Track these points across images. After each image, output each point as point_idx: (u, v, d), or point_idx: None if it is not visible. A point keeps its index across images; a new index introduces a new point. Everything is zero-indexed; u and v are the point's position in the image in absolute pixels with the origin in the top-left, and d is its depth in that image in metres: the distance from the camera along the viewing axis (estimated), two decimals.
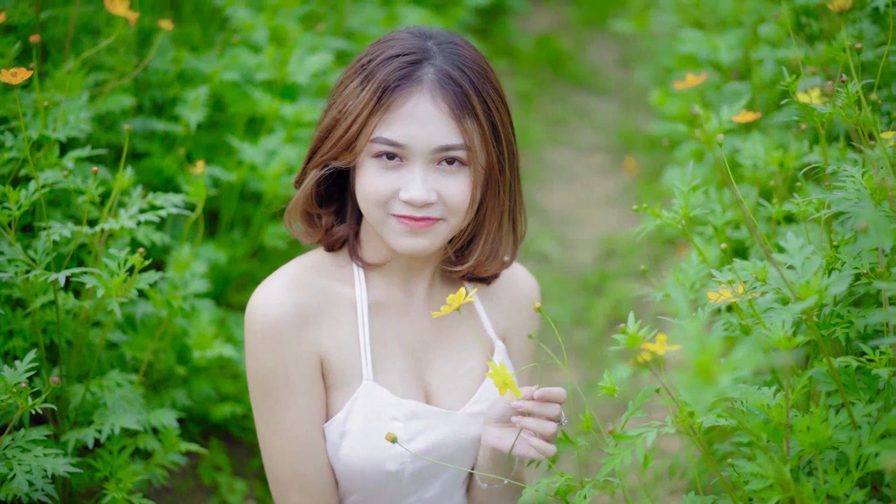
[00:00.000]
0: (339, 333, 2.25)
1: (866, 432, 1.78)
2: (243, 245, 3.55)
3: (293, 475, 2.25)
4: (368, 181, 2.15)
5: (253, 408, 2.27)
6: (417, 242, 2.16)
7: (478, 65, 2.18)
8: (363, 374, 2.25)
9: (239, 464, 3.37)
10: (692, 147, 4.15)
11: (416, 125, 2.12)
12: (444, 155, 2.13)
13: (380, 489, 2.28)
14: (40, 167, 2.72)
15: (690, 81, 2.97)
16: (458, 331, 2.38)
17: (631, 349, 1.87)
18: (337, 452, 2.25)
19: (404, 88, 2.12)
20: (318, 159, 2.22)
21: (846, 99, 2.06)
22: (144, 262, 2.41)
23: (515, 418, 2.11)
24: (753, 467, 1.77)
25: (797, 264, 1.81)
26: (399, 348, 2.30)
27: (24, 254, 2.47)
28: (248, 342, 2.23)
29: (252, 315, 2.21)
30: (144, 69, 3.38)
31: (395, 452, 2.23)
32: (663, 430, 1.87)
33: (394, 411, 2.24)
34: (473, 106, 2.13)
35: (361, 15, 4.54)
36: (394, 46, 2.16)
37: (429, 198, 2.12)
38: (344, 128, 2.16)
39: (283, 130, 3.55)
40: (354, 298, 2.28)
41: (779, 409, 1.86)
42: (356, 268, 2.30)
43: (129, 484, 2.52)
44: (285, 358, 2.20)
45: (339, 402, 2.26)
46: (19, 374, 2.26)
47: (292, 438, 2.23)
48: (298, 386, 2.21)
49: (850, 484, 1.76)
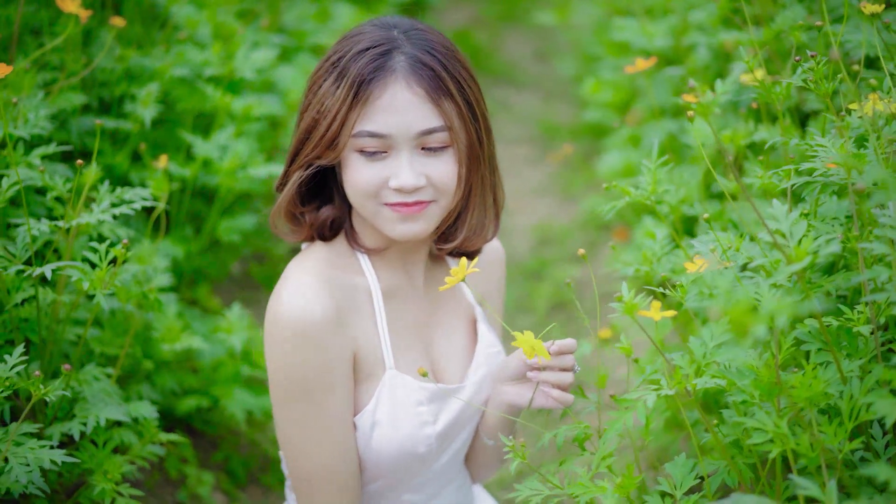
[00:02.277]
0: (364, 325, 2.27)
1: (857, 385, 1.88)
2: (199, 241, 3.56)
3: (325, 472, 2.25)
4: (357, 175, 2.18)
5: (278, 408, 2.24)
6: (413, 227, 2.20)
7: (445, 47, 2.21)
8: (385, 363, 2.28)
9: (203, 456, 3.39)
10: (626, 134, 4.27)
11: (395, 114, 2.15)
12: (426, 139, 2.17)
13: (405, 472, 2.33)
14: (6, 165, 2.72)
15: (640, 65, 3.07)
16: (447, 306, 2.44)
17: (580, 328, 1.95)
18: (368, 442, 2.27)
19: (379, 80, 2.14)
20: (302, 160, 2.24)
21: (816, 73, 2.15)
22: (126, 254, 2.43)
23: (532, 373, 2.18)
24: (753, 423, 1.86)
25: (785, 230, 1.90)
26: (410, 332, 2.35)
27: (4, 249, 2.47)
28: (279, 345, 2.19)
29: (288, 318, 2.18)
30: (86, 67, 3.37)
31: (423, 435, 2.29)
32: (661, 392, 1.95)
33: (418, 396, 2.29)
34: (448, 87, 2.17)
35: (294, 11, 4.57)
36: (362, 40, 2.18)
37: (418, 182, 2.16)
38: (325, 126, 2.18)
39: (232, 125, 3.57)
40: (369, 287, 2.30)
41: (767, 369, 1.95)
42: (361, 256, 2.32)
43: (116, 475, 2.54)
44: (325, 358, 2.19)
45: (367, 392, 2.28)
46: (8, 368, 2.28)
47: (328, 436, 2.23)
48: (336, 384, 2.21)
49: (843, 435, 1.86)
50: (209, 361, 3.30)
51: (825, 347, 2.00)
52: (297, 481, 2.29)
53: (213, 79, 3.63)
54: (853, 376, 1.91)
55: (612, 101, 4.42)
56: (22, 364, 2.29)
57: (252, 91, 3.86)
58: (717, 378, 1.96)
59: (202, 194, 3.76)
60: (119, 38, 3.66)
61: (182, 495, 3.18)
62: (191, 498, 3.20)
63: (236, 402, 3.24)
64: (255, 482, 3.50)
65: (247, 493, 3.45)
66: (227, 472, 3.42)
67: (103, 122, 3.36)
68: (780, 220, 1.91)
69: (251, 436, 3.56)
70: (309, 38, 4.45)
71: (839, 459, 1.87)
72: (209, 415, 3.40)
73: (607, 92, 4.41)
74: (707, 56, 3.78)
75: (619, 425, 1.95)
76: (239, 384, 3.30)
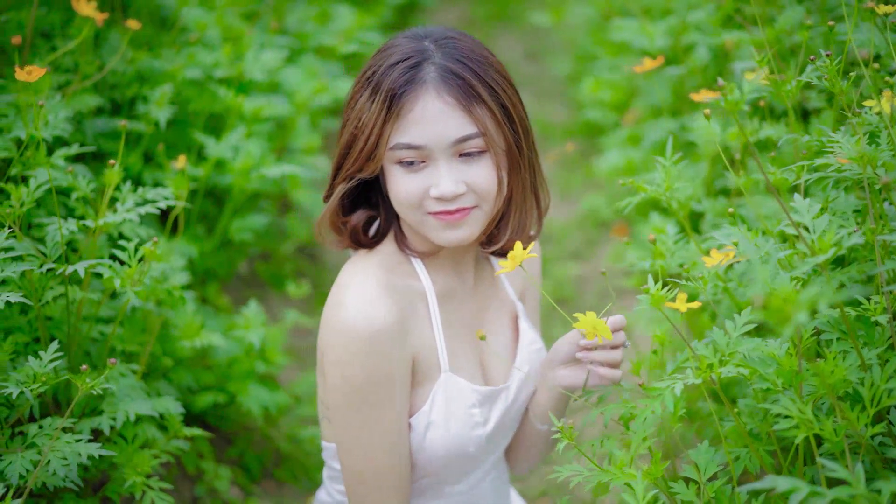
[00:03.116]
0: (422, 328, 2.32)
1: (878, 372, 1.95)
2: (212, 240, 3.61)
3: (382, 473, 2.30)
4: (398, 187, 2.23)
5: (340, 412, 2.28)
6: (458, 233, 2.24)
7: (476, 53, 2.25)
8: (441, 366, 2.33)
9: (219, 452, 3.45)
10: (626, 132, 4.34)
11: (428, 124, 2.19)
12: (462, 146, 2.20)
13: (454, 469, 2.40)
14: (30, 166, 2.77)
15: (648, 65, 3.14)
16: (492, 305, 2.49)
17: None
18: (422, 442, 2.32)
19: (410, 92, 2.18)
20: (344, 174, 2.30)
21: (830, 70, 2.22)
22: (156, 252, 2.49)
23: (582, 354, 2.24)
24: (778, 409, 1.93)
25: (807, 222, 1.97)
26: (461, 334, 2.40)
27: (35, 248, 2.52)
28: (345, 353, 2.23)
29: (354, 326, 2.22)
30: (101, 70, 3.42)
31: (474, 436, 2.35)
32: (688, 381, 2.02)
33: (471, 399, 2.34)
34: (479, 93, 2.20)
35: (296, 14, 4.63)
36: (394, 54, 2.23)
37: (458, 189, 2.20)
38: (363, 141, 2.23)
39: (242, 126, 3.62)
40: (424, 291, 2.34)
41: (788, 358, 2.02)
42: (414, 260, 2.37)
43: (146, 468, 2.59)
44: (389, 365, 2.23)
45: (423, 394, 2.33)
46: (44, 364, 2.33)
47: (388, 439, 2.28)
48: (397, 388, 2.26)
49: (865, 420, 1.93)
50: (224, 358, 3.35)
51: (844, 336, 2.07)
52: (353, 481, 2.33)
53: (224, 80, 3.68)
54: (873, 364, 1.98)
55: (611, 100, 4.49)
56: (57, 360, 2.34)
57: (259, 92, 3.91)
58: (742, 367, 2.03)
59: (211, 194, 3.81)
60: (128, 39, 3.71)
61: (200, 490, 3.23)
62: (208, 493, 3.25)
63: (252, 397, 3.29)
64: (269, 477, 3.56)
65: (261, 487, 3.50)
66: (242, 468, 3.48)
67: (117, 124, 3.42)
68: (802, 214, 1.98)
69: (265, 431, 3.62)
70: (311, 39, 4.50)
71: (863, 443, 1.95)
72: (224, 411, 3.45)
73: (606, 91, 4.48)
74: (707, 56, 3.85)
75: (648, 412, 2.02)
76: (254, 380, 3.36)
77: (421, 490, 2.43)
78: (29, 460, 2.32)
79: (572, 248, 4.74)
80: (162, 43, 3.80)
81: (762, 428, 2.28)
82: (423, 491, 2.43)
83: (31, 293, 2.58)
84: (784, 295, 1.46)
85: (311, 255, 4.71)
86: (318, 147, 4.10)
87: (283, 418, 3.72)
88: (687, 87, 4.01)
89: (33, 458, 2.33)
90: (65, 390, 2.70)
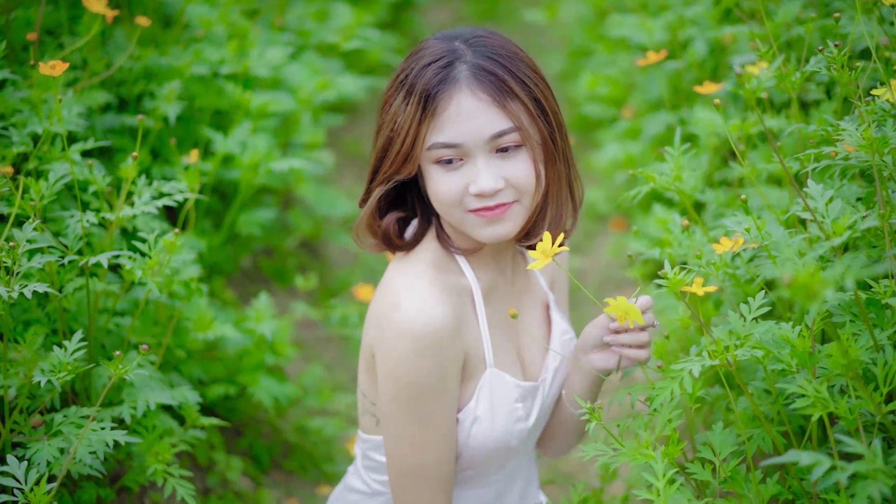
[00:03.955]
0: (470, 325, 2.35)
1: (890, 352, 2.01)
2: (219, 235, 3.65)
3: (430, 468, 2.33)
4: (438, 186, 2.26)
5: (392, 409, 2.31)
6: (499, 229, 2.27)
7: (506, 49, 2.29)
8: (486, 362, 2.36)
9: (229, 443, 3.49)
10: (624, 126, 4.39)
11: (464, 122, 2.22)
12: (499, 142, 2.23)
13: (497, 462, 2.44)
14: (47, 160, 2.81)
15: (652, 58, 3.20)
16: (527, 298, 2.53)
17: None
18: (468, 437, 2.36)
19: (444, 91, 2.22)
20: (381, 177, 2.33)
21: (838, 60, 2.27)
22: (177, 244, 2.53)
23: (610, 338, 2.30)
24: (795, 388, 1.99)
25: (821, 207, 2.03)
26: (503, 328, 2.43)
27: (56, 240, 2.56)
28: (404, 353, 2.25)
29: (411, 326, 2.24)
30: (108, 66, 3.45)
31: (517, 430, 2.40)
32: (705, 363, 2.07)
33: (514, 393, 2.39)
34: (511, 88, 2.24)
35: (296, 11, 4.67)
36: (425, 55, 2.27)
37: (497, 185, 2.23)
38: (399, 143, 2.26)
39: (248, 122, 3.66)
40: (470, 287, 2.37)
41: (801, 340, 2.08)
42: (458, 257, 2.39)
43: (167, 456, 2.63)
44: (444, 364, 2.26)
45: (469, 389, 2.36)
46: (69, 354, 2.37)
47: (437, 434, 2.32)
48: (449, 386, 2.29)
49: (879, 398, 1.99)
50: (234, 350, 3.39)
51: (857, 318, 2.13)
52: (400, 476, 2.36)
53: (230, 77, 3.72)
54: (885, 344, 2.04)
55: (608, 95, 4.55)
56: (82, 349, 2.38)
57: (262, 88, 3.95)
58: (757, 349, 2.08)
59: (216, 190, 3.85)
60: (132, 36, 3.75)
61: (211, 481, 3.27)
62: (220, 483, 3.30)
63: (263, 389, 3.33)
64: (277, 468, 3.61)
65: (270, 477, 3.55)
66: (252, 458, 3.52)
67: (124, 120, 3.46)
68: (816, 199, 2.04)
69: (274, 423, 3.66)
70: (312, 36, 4.54)
71: (877, 422, 2.01)
72: (234, 403, 3.49)
73: (604, 86, 4.54)
74: (704, 50, 3.91)
75: (667, 393, 2.07)
76: (264, 372, 3.40)
77: (464, 480, 2.48)
78: (56, 448, 2.36)
79: (571, 240, 4.78)
80: (166, 40, 3.84)
81: (773, 409, 2.34)
82: (466, 481, 2.48)
83: (51, 285, 2.62)
84: (811, 272, 1.52)
85: (313, 251, 4.75)
86: (321, 142, 4.15)
87: (291, 410, 3.76)
88: (684, 81, 4.07)
89: (60, 446, 2.37)
90: (81, 381, 2.73)
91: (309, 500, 3.52)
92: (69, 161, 2.56)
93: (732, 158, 3.47)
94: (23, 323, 2.70)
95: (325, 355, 4.25)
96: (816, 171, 2.40)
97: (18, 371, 2.43)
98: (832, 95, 3.22)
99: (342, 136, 5.47)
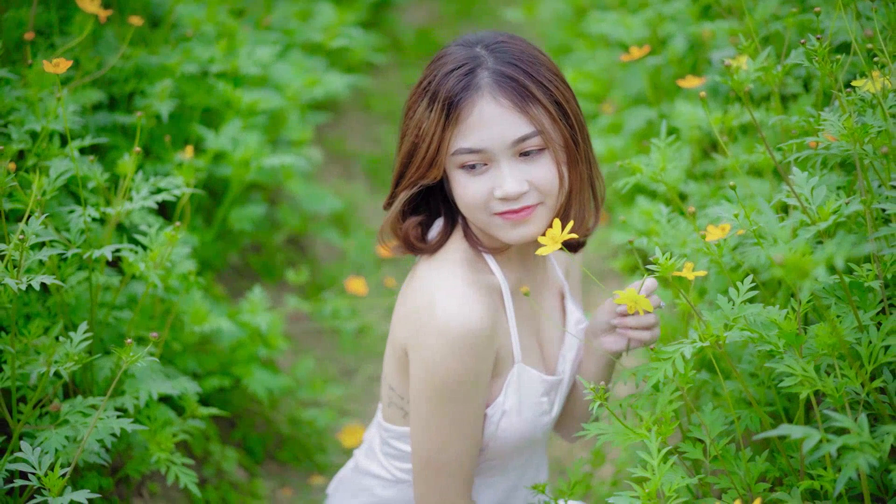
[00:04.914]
0: (501, 323, 2.40)
1: (874, 332, 2.09)
2: (211, 230, 3.71)
3: (456, 462, 2.40)
4: (463, 190, 2.32)
5: (425, 406, 2.37)
6: (525, 230, 2.33)
7: (527, 54, 2.34)
8: (514, 357, 2.43)
9: (222, 435, 3.55)
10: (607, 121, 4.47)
11: (487, 127, 2.28)
12: (522, 146, 2.29)
13: (520, 452, 2.53)
14: (45, 157, 2.87)
15: (635, 53, 3.27)
16: (545, 290, 2.59)
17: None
18: (496, 431, 2.43)
19: (467, 98, 2.27)
20: (407, 182, 2.38)
21: (819, 52, 2.35)
22: (177, 237, 2.59)
23: (617, 321, 2.39)
24: (783, 368, 2.07)
25: (806, 193, 2.11)
26: (527, 323, 2.50)
27: (60, 235, 2.62)
28: (441, 352, 2.31)
29: (451, 327, 2.29)
30: (100, 66, 3.51)
31: (542, 423, 2.47)
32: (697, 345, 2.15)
33: (540, 388, 2.46)
34: (533, 93, 2.29)
35: (279, 11, 4.73)
36: (448, 62, 2.32)
37: (521, 188, 2.29)
38: (424, 149, 2.32)
39: (238, 119, 3.72)
40: (499, 286, 2.43)
41: (788, 322, 2.16)
42: (487, 256, 2.44)
43: (169, 445, 2.70)
44: (480, 363, 2.32)
45: (498, 385, 2.42)
46: (75, 344, 2.43)
47: (467, 430, 2.38)
48: (482, 384, 2.35)
49: (864, 377, 2.08)
50: (228, 343, 3.45)
51: (841, 301, 2.21)
52: (425, 467, 2.42)
53: (220, 75, 3.78)
54: (869, 325, 2.12)
55: (590, 91, 4.62)
56: (88, 340, 2.44)
57: (250, 87, 4.01)
58: (747, 331, 2.16)
59: (206, 187, 3.91)
60: (122, 36, 3.80)
61: (207, 471, 3.33)
62: (216, 473, 3.36)
63: (257, 381, 3.40)
64: (271, 459, 3.67)
65: (264, 468, 3.61)
66: (246, 450, 3.59)
67: (116, 118, 3.51)
68: (802, 186, 2.13)
69: (267, 415, 3.72)
70: (297, 35, 4.60)
71: (861, 399, 2.09)
72: (227, 395, 3.55)
73: (585, 82, 4.61)
74: (684, 46, 3.99)
75: (660, 374, 2.15)
76: (257, 364, 3.46)
77: (486, 469, 2.54)
78: (63, 436, 2.42)
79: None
80: (155, 40, 3.89)
81: (759, 391, 2.42)
82: (488, 470, 2.55)
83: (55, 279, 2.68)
84: (802, 252, 1.60)
85: (300, 246, 4.81)
86: (308, 139, 4.21)
87: (284, 402, 3.83)
88: (664, 76, 4.15)
89: (67, 434, 2.43)
90: (82, 373, 2.78)
91: (303, 490, 3.58)
92: (72, 158, 2.62)
93: (713, 151, 3.55)
94: (24, 317, 2.75)
95: (315, 348, 4.32)
96: (798, 161, 2.48)
97: (38, 358, 2.48)
98: (810, 89, 3.32)
99: (326, 133, 5.53)
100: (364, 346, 4.37)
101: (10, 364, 2.45)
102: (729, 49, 3.69)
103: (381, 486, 2.62)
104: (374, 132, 5.94)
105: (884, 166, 2.22)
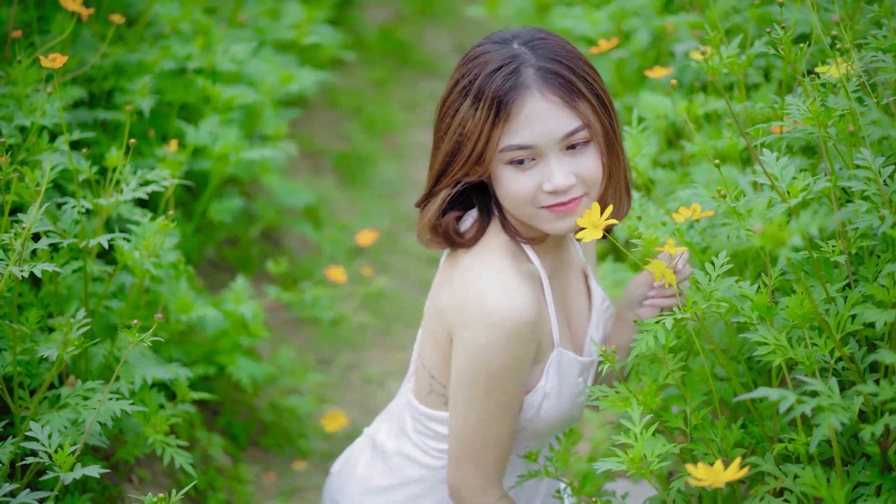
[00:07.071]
0: (543, 310, 2.46)
1: (841, 303, 2.22)
2: (191, 224, 3.80)
3: (494, 445, 2.46)
4: (512, 185, 2.37)
5: (466, 393, 2.43)
6: (570, 222, 2.38)
7: (566, 49, 2.39)
8: (553, 342, 2.50)
9: (207, 422, 3.64)
10: None
11: (537, 124, 2.33)
12: (569, 140, 2.35)
13: (554, 432, 2.61)
14: (35, 152, 2.94)
15: (604, 45, 3.40)
16: (571, 272, 2.65)
17: None
18: (537, 413, 2.50)
19: (515, 96, 2.32)
20: (449, 179, 2.43)
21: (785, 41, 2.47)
22: (171, 225, 2.69)
23: (654, 292, 2.51)
24: (756, 337, 2.20)
25: (777, 172, 2.24)
26: (561, 307, 2.56)
27: (55, 225, 2.70)
28: (489, 341, 2.36)
29: (501, 317, 2.35)
30: (80, 63, 3.58)
31: (579, 403, 2.55)
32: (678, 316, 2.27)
33: (576, 369, 2.53)
34: (579, 88, 2.35)
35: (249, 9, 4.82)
36: (489, 61, 2.35)
37: (569, 181, 2.35)
38: (470, 147, 2.36)
39: (216, 114, 3.81)
40: (539, 274, 2.48)
41: (760, 295, 2.29)
42: (524, 246, 2.49)
43: (164, 428, 2.79)
44: (526, 352, 2.40)
45: (539, 369, 2.49)
46: (75, 328, 2.51)
47: (508, 414, 2.45)
48: (524, 371, 2.43)
49: (832, 344, 2.20)
50: (212, 333, 3.54)
51: (809, 275, 2.34)
52: (462, 449, 2.48)
53: (197, 71, 3.87)
54: (836, 296, 2.25)
55: None
56: (86, 325, 2.52)
57: (226, 83, 4.09)
58: (722, 302, 2.29)
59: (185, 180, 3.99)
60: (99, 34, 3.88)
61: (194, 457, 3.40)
62: (202, 459, 3.45)
63: (241, 369, 3.49)
64: (254, 445, 3.77)
65: (248, 454, 3.71)
66: (229, 436, 3.67)
67: (97, 114, 3.59)
68: (771, 165, 2.25)
69: (249, 402, 3.82)
70: (268, 33, 4.69)
71: (830, 367, 2.22)
72: (211, 383, 3.64)
73: None
74: (647, 39, 4.13)
75: (642, 345, 2.28)
76: (240, 353, 3.55)
77: (522, 449, 2.61)
78: (66, 419, 2.50)
79: None
80: (132, 38, 3.97)
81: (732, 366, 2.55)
82: (522, 450, 2.61)
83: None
84: (779, 222, 1.72)
85: (274, 240, 4.90)
86: (283, 134, 4.30)
87: (266, 389, 3.92)
88: (628, 69, 4.28)
89: (69, 417, 2.51)
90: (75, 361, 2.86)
91: (286, 475, 3.68)
92: (67, 153, 2.70)
93: (678, 140, 3.68)
94: (17, 307, 2.83)
95: (293, 337, 4.41)
96: (765, 145, 2.60)
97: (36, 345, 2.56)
98: (770, 78, 3.45)
99: (295, 129, 5.62)
100: (341, 336, 4.47)
101: (12, 349, 2.53)
102: (691, 41, 3.83)
103: (411, 466, 2.67)
104: (342, 128, 6.03)
105: (847, 148, 2.34)
